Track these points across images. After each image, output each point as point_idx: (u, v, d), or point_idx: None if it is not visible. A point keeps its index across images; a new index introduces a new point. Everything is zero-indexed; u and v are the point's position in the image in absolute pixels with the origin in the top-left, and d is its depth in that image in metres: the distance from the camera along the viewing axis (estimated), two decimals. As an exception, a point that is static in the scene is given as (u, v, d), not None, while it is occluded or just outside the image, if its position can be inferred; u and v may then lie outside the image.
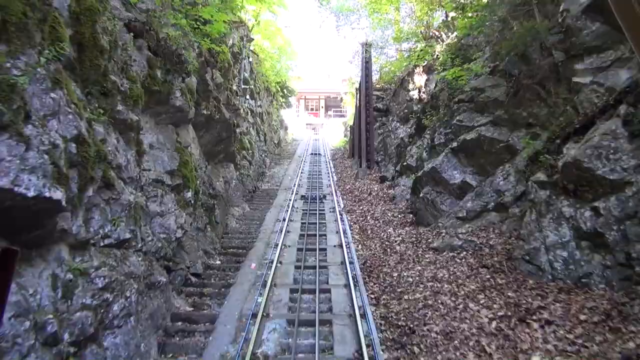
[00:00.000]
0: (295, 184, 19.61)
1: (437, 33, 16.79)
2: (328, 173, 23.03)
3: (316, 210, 14.92)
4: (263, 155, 24.15)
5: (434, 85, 14.25)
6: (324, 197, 17.17)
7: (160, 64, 8.58)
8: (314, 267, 9.54)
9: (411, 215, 11.84)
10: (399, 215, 12.09)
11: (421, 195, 11.03)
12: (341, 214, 14.05)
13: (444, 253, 8.61)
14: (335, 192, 17.84)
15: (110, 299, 5.27)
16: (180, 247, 8.89)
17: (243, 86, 16.78)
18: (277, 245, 10.94)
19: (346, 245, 10.63)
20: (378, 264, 9.17)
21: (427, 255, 8.78)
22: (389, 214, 12.50)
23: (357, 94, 27.28)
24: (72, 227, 4.85)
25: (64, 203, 4.44)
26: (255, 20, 29.50)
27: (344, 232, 11.94)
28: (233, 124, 15.58)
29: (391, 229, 11.27)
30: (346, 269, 9.05)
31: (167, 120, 9.29)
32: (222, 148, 15.16)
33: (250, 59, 24.25)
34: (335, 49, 77.73)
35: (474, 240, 8.37)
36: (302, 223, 13.34)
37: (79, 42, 5.70)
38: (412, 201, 11.88)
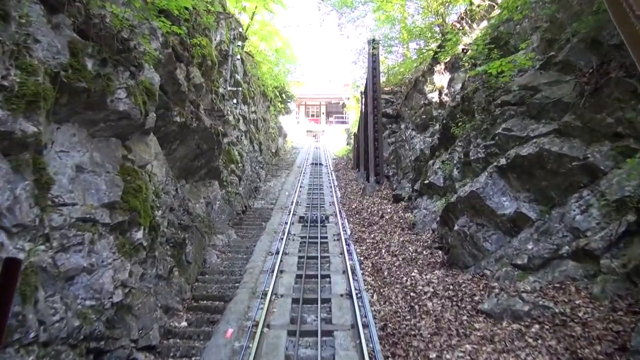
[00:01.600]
0: (293, 201, 16.97)
1: (457, 25, 14.21)
2: (330, 187, 20.38)
3: (317, 237, 12.26)
4: (257, 167, 21.51)
5: (461, 85, 11.64)
6: (327, 218, 14.52)
7: (93, 50, 5.97)
8: (314, 334, 6.87)
9: (440, 252, 9.16)
10: (425, 252, 9.39)
11: (455, 227, 8.36)
12: (348, 244, 11.39)
13: (503, 323, 5.92)
14: (340, 212, 15.18)
15: None
16: (123, 313, 6.21)
17: (230, 88, 14.18)
18: (265, 294, 8.29)
19: (357, 295, 7.97)
20: (404, 332, 6.49)
21: (477, 325, 6.09)
22: (409, 248, 9.81)
23: (362, 98, 24.72)
24: None
25: None
26: (251, 19, 27.18)
27: (353, 272, 9.28)
28: (217, 133, 12.97)
29: (416, 271, 8.57)
30: (360, 339, 6.40)
31: (108, 131, 6.65)
32: (203, 163, 12.54)
33: (243, 60, 21.73)
34: (337, 52, 75.51)
35: (550, 306, 5.69)
36: (299, 258, 10.67)
37: None
38: (442, 233, 9.21)
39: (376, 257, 10.04)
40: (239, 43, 21.00)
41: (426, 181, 11.35)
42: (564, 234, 6.46)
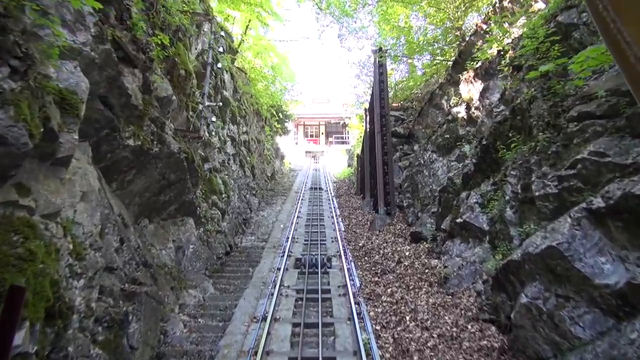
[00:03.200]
0: (288, 237, 14.25)
1: (484, 27, 11.81)
2: (332, 216, 17.67)
3: (317, 291, 9.51)
4: (248, 194, 18.85)
5: (500, 95, 9.10)
6: (329, 260, 11.78)
7: None
8: None
9: (494, 329, 6.38)
10: (470, 327, 6.59)
11: (523, 299, 5.63)
12: (358, 303, 8.67)
13: None
14: (344, 251, 12.46)
15: None
16: None
17: (209, 104, 11.67)
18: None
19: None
20: None
21: None
22: (446, 318, 7.03)
23: (366, 115, 22.30)
24: None
25: None
26: (244, 33, 25.05)
27: (368, 355, 6.54)
28: (191, 159, 10.38)
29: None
30: None
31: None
32: (172, 197, 9.90)
33: (234, 75, 19.37)
34: (336, 70, 73.74)
35: None
36: (293, 326, 7.90)
37: None
38: (496, 302, 6.45)
39: (399, 328, 7.25)
40: (228, 56, 18.72)
41: (459, 219, 8.66)
42: None
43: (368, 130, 20.29)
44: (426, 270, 9.17)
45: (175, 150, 9.05)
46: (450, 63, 17.68)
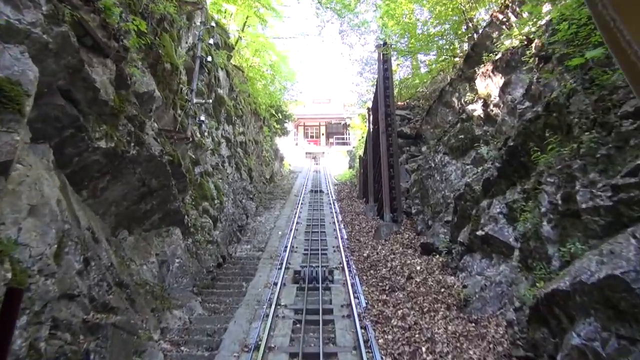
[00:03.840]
0: (286, 246, 13.19)
1: (500, 16, 10.71)
2: (334, 222, 16.58)
3: (318, 312, 8.42)
4: (245, 199, 17.77)
5: (525, 89, 8.02)
6: (331, 274, 10.72)
7: None
8: None
9: (532, 368, 5.29)
10: (501, 365, 5.53)
11: (574, 340, 4.53)
12: (364, 327, 7.59)
13: None
14: (348, 263, 11.38)
15: None
16: None
17: (197, 101, 10.61)
18: None
19: None
20: None
21: None
22: (471, 352, 5.93)
23: (369, 115, 21.23)
24: None
25: None
26: (241, 30, 24.03)
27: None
28: (176, 163, 9.31)
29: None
30: None
31: None
32: (155, 205, 8.82)
33: (229, 73, 18.31)
34: (337, 69, 72.66)
35: None
36: (290, 357, 6.83)
37: None
38: (534, 338, 5.33)
39: (414, 362, 6.17)
40: (223, 52, 17.67)
41: (479, 231, 7.56)
42: None
43: (371, 130, 19.21)
44: (442, 290, 8.07)
45: (156, 153, 7.97)
46: (457, 59, 16.67)
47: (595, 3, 1.23)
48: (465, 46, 16.49)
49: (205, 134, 13.66)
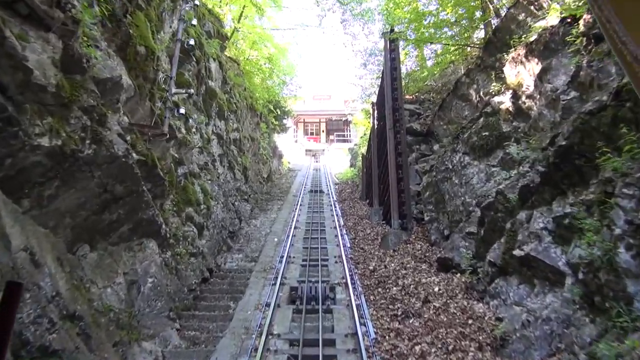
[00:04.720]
0: (283, 256, 11.77)
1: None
2: (335, 227, 15.14)
3: (318, 343, 6.98)
4: (238, 202, 16.32)
5: (570, 76, 6.56)
6: (332, 291, 9.32)
7: None
8: None
9: None
10: None
11: None
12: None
13: None
14: (352, 278, 9.96)
15: None
16: None
17: (175, 91, 9.14)
18: None
19: None
20: None
21: None
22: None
23: (374, 110, 19.75)
24: None
25: None
26: (238, 21, 22.59)
27: None
28: (151, 164, 7.85)
29: None
30: None
31: None
32: (123, 214, 7.36)
33: (222, 64, 16.83)
34: (338, 64, 70.99)
35: None
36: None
37: None
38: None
39: None
40: (216, 41, 16.21)
41: (517, 251, 6.13)
42: None
43: (376, 126, 17.75)
44: (469, 321, 6.62)
45: (119, 153, 6.51)
46: (469, 49, 15.20)
47: (593, 4, 1.28)
48: (480, 34, 15.03)
49: (193, 130, 12.22)
